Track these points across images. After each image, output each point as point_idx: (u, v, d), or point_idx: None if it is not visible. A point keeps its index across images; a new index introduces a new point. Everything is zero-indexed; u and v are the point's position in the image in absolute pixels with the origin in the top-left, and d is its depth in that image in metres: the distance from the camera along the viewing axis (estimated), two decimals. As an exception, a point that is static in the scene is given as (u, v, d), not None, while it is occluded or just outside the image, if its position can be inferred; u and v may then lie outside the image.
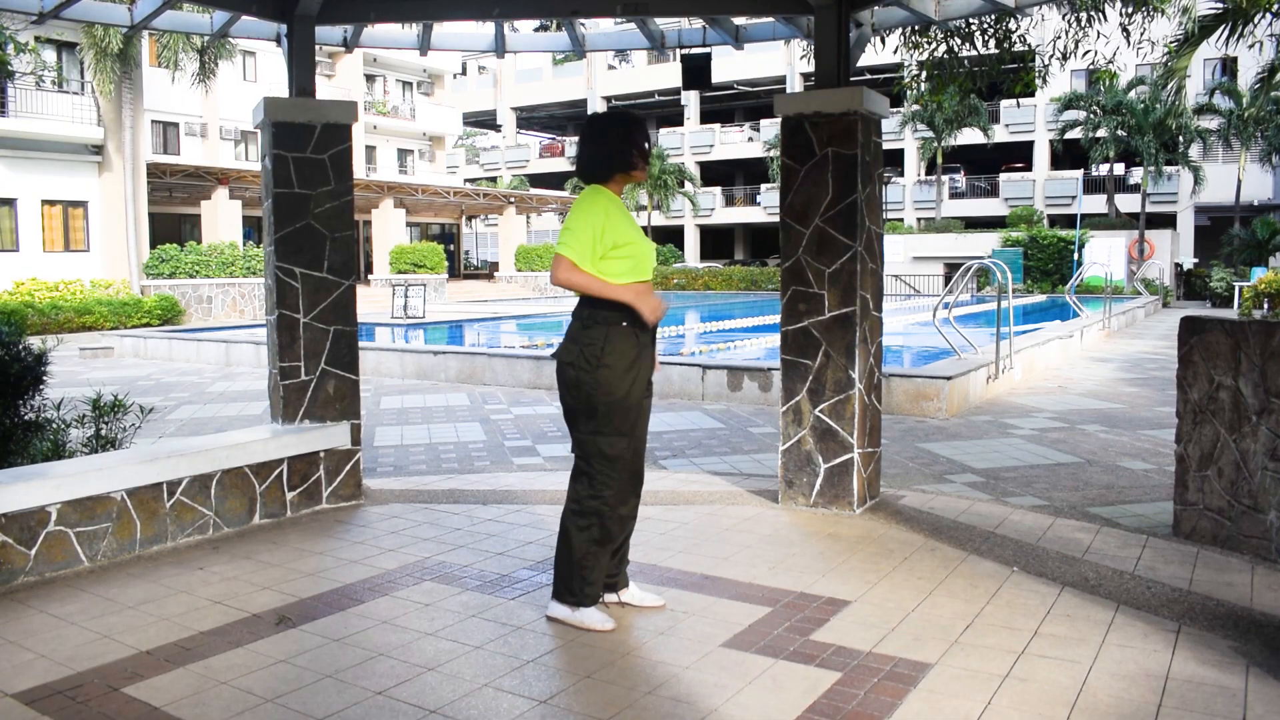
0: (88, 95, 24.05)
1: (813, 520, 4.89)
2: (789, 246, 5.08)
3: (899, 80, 9.11)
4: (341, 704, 2.89)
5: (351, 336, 5.35)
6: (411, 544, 4.54)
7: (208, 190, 27.23)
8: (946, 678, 3.04)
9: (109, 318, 20.94)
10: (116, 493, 4.31)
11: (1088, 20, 6.89)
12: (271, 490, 5.00)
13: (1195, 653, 3.23)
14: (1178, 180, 35.44)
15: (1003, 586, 3.88)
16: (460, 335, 19.49)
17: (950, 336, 10.46)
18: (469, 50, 6.56)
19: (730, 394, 9.69)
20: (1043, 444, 7.28)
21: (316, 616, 3.61)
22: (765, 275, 36.98)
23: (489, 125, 58.31)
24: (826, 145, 4.93)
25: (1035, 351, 11.90)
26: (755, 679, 3.03)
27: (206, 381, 11.99)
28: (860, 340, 4.96)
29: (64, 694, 2.97)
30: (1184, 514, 4.61)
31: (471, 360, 11.65)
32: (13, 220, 23.30)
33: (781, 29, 5.81)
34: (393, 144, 40.24)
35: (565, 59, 49.45)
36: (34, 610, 3.70)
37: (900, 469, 6.40)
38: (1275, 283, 17.94)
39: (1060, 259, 31.66)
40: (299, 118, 5.18)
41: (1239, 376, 4.32)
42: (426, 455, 7.20)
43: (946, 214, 39.00)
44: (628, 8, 5.39)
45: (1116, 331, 18.23)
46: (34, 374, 4.89)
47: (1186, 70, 17.04)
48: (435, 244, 34.10)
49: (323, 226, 5.23)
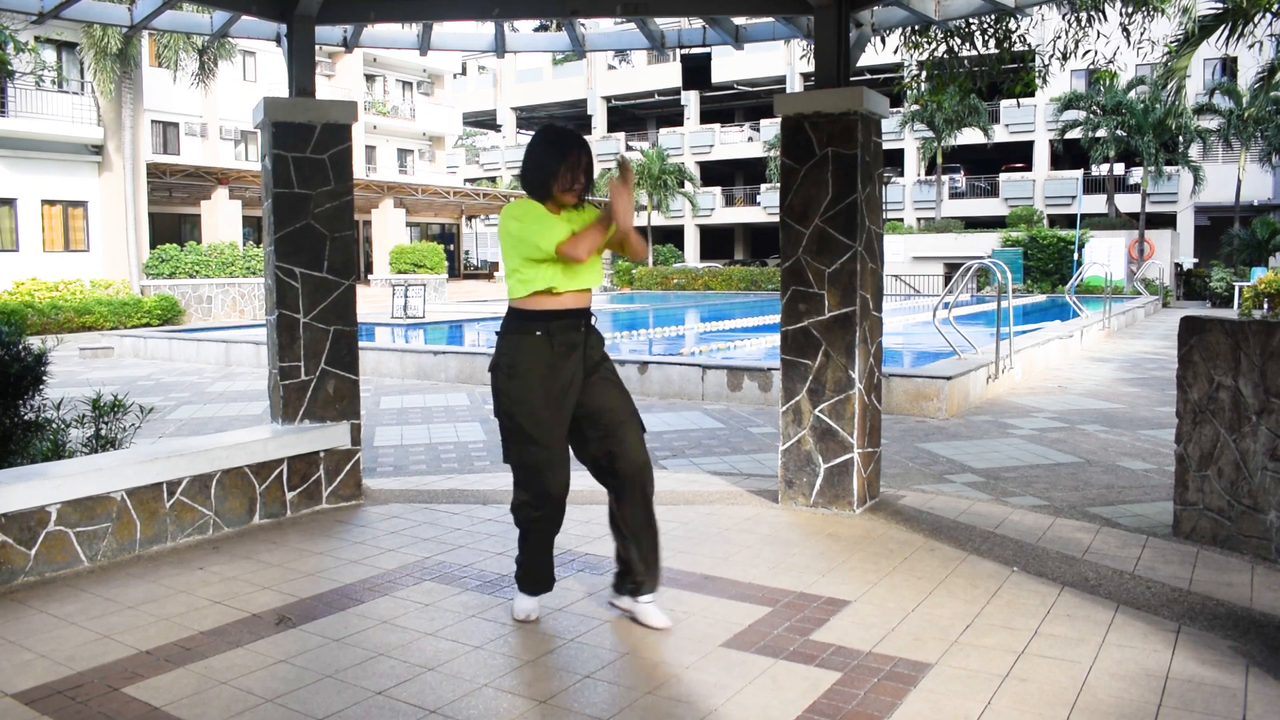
0: (88, 95, 24.04)
1: (813, 520, 4.89)
2: (789, 246, 5.08)
3: (899, 80, 9.11)
4: (341, 704, 2.89)
5: (351, 336, 5.36)
6: (411, 544, 4.55)
7: (208, 190, 27.22)
8: (946, 678, 3.04)
9: (109, 318, 20.94)
10: (116, 493, 4.31)
11: (1088, 20, 6.89)
12: (271, 490, 5.00)
13: (1195, 653, 3.23)
14: (1177, 180, 35.43)
15: (1003, 586, 3.88)
16: (460, 335, 19.48)
17: (950, 336, 10.46)
18: (469, 50, 6.56)
19: (730, 394, 9.69)
20: (1042, 444, 7.28)
21: (316, 616, 3.61)
22: (765, 275, 36.98)
23: (489, 125, 58.30)
24: (826, 145, 4.93)
25: (1035, 351, 11.90)
26: (755, 679, 3.03)
27: (206, 381, 11.99)
28: (860, 340, 4.97)
29: (64, 694, 2.98)
30: (1184, 514, 4.61)
31: (471, 360, 11.65)
32: (13, 220, 23.29)
33: (781, 29, 5.81)
34: (393, 144, 40.22)
35: (565, 59, 49.44)
36: (34, 610, 3.70)
37: (900, 469, 6.40)
38: (1275, 283, 17.94)
39: (1060, 259, 31.65)
40: (299, 118, 5.19)
41: (1239, 376, 4.32)
42: (426, 455, 7.20)
43: (946, 214, 38.99)
44: (628, 8, 5.39)
45: (1116, 331, 18.23)
46: (34, 374, 4.89)
47: (1186, 70, 17.05)
48: (435, 244, 34.07)
49: (323, 226, 5.23)
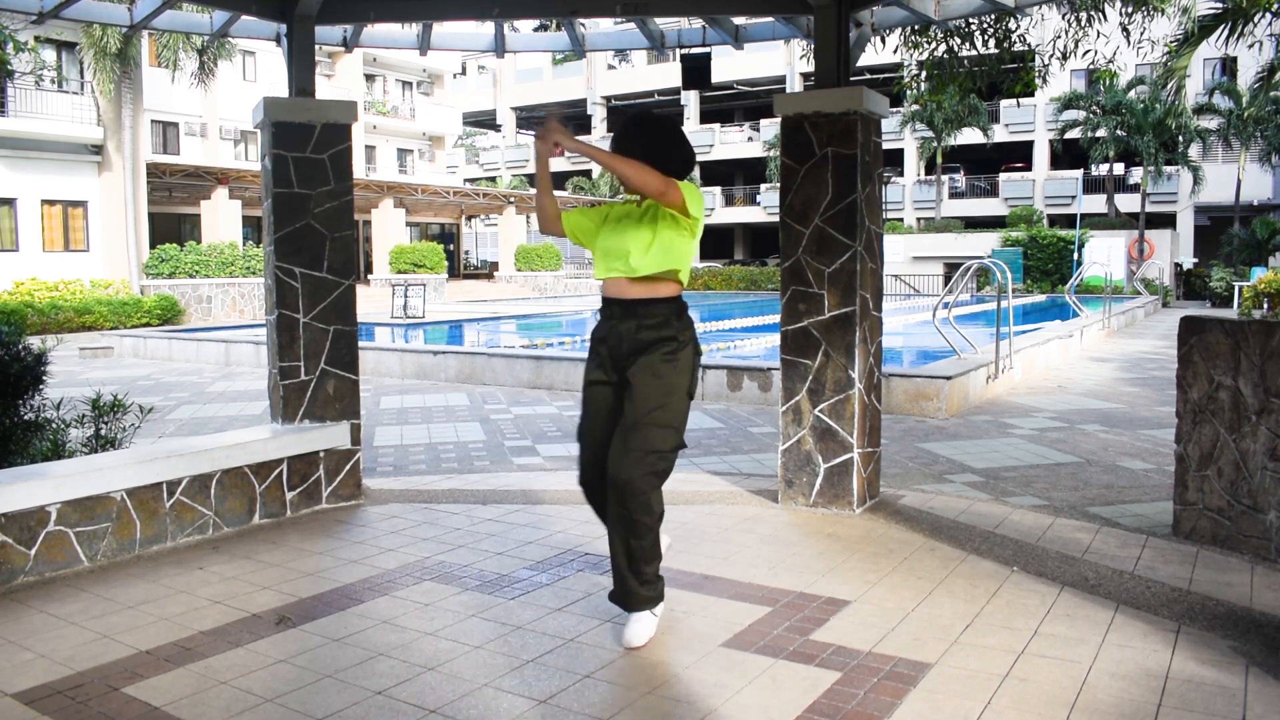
0: (87, 95, 24.04)
1: (812, 520, 4.89)
2: (789, 246, 5.08)
3: (899, 80, 9.10)
4: (341, 704, 2.89)
5: (351, 336, 5.36)
6: (411, 544, 4.55)
7: (207, 190, 27.21)
8: (946, 678, 3.04)
9: (109, 318, 20.94)
10: (116, 493, 4.31)
11: (1088, 20, 6.89)
12: (271, 490, 5.00)
13: (1195, 653, 3.23)
14: (1177, 180, 35.45)
15: (1003, 586, 3.88)
16: (460, 335, 19.49)
17: (950, 336, 10.46)
18: (469, 50, 6.56)
19: (730, 394, 9.69)
20: (1042, 444, 7.28)
21: (316, 616, 3.61)
22: (765, 275, 36.98)
23: (489, 125, 58.32)
24: (826, 145, 4.93)
25: (1035, 351, 11.89)
26: (755, 679, 3.03)
27: (206, 381, 11.99)
28: (860, 340, 4.97)
29: (64, 694, 2.98)
30: (1184, 514, 4.61)
31: (471, 360, 11.66)
32: (12, 220, 23.29)
33: (781, 29, 5.81)
34: (392, 144, 40.23)
35: (565, 59, 49.47)
36: (34, 610, 3.70)
37: (900, 469, 6.40)
38: (1275, 283, 17.92)
39: (1060, 259, 31.66)
40: (299, 117, 5.19)
41: (1239, 376, 4.32)
42: (426, 455, 7.20)
43: (946, 214, 39.00)
44: (627, 8, 5.39)
45: (1116, 331, 18.24)
46: (34, 374, 4.88)
47: (1186, 70, 17.07)
48: (435, 244, 34.06)
49: (322, 226, 5.23)
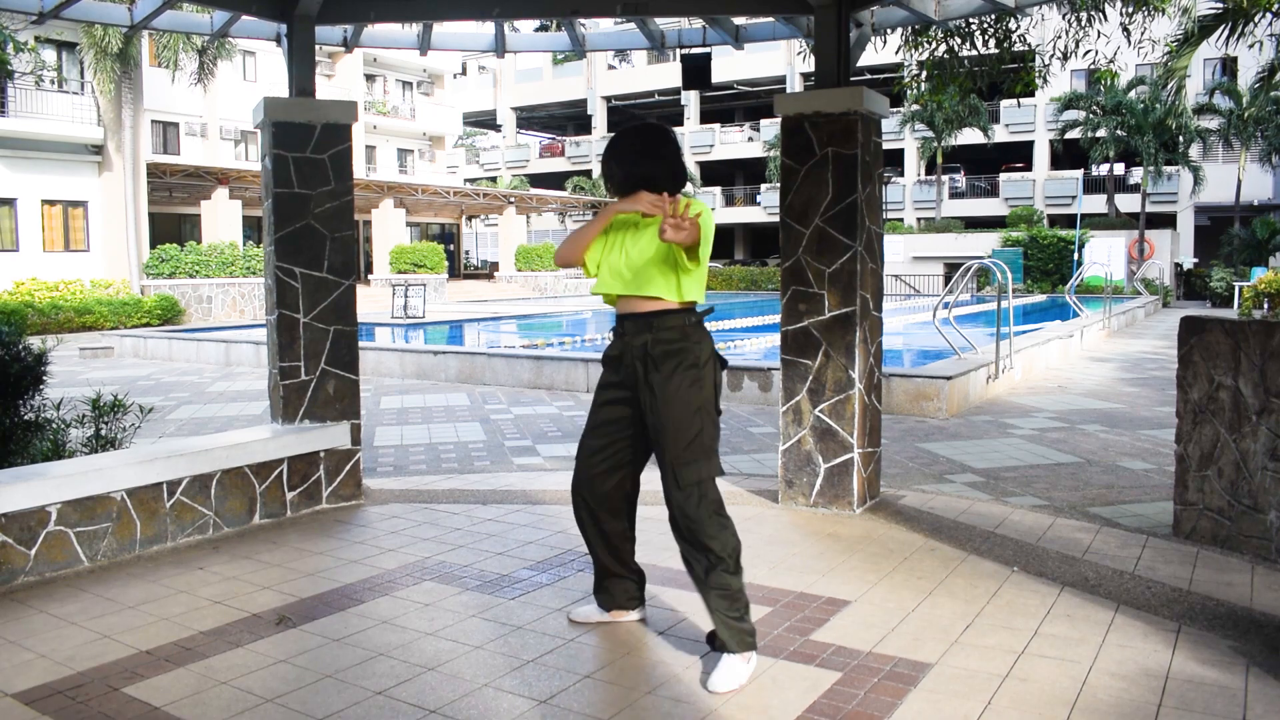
0: (88, 95, 24.04)
1: (813, 520, 4.89)
2: (789, 246, 5.08)
3: (899, 80, 9.11)
4: (341, 704, 2.89)
5: (351, 336, 5.35)
6: (411, 544, 4.55)
7: (208, 190, 27.21)
8: (946, 678, 3.04)
9: (109, 318, 20.94)
10: (116, 493, 4.31)
11: (1088, 20, 6.89)
12: (271, 490, 5.00)
13: (1195, 652, 3.23)
14: (1177, 180, 35.43)
15: (1003, 586, 3.88)
16: (460, 335, 19.49)
17: (950, 336, 10.46)
18: (469, 50, 6.56)
19: (730, 394, 9.69)
20: (1042, 444, 7.28)
21: (316, 616, 3.61)
22: (765, 275, 36.97)
23: (489, 125, 58.29)
24: (826, 145, 4.93)
25: (1035, 351, 11.89)
26: (755, 679, 3.03)
27: (206, 381, 11.99)
28: (860, 340, 4.97)
29: (64, 694, 2.98)
30: (1184, 514, 4.61)
31: (471, 360, 11.66)
32: (13, 220, 23.30)
33: (781, 29, 5.81)
34: (393, 144, 40.22)
35: (565, 59, 49.43)
36: (34, 610, 3.70)
37: (900, 469, 6.40)
38: (1275, 283, 17.91)
39: (1060, 259, 31.65)
40: (299, 118, 5.18)
41: (1239, 376, 4.32)
42: (426, 455, 7.20)
43: (946, 214, 38.99)
44: (628, 8, 5.39)
45: (1116, 331, 18.24)
46: (34, 374, 4.89)
47: (1186, 70, 17.07)
48: (435, 244, 34.07)
49: (323, 226, 5.23)
